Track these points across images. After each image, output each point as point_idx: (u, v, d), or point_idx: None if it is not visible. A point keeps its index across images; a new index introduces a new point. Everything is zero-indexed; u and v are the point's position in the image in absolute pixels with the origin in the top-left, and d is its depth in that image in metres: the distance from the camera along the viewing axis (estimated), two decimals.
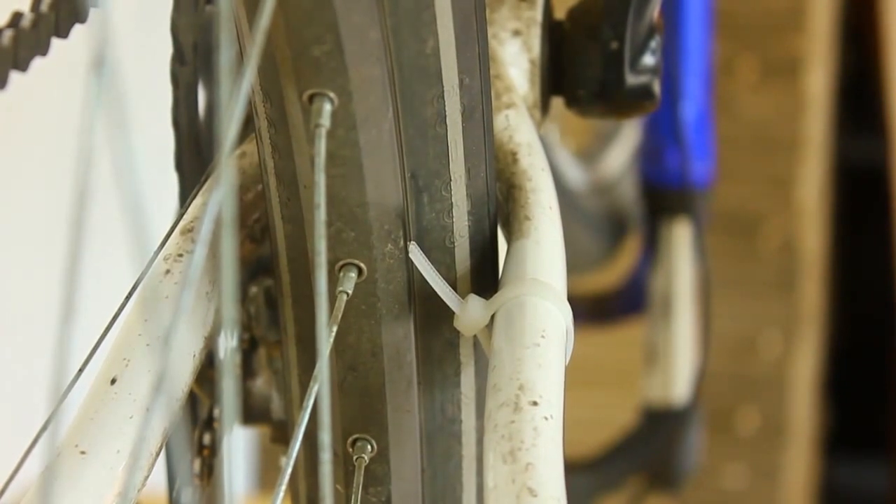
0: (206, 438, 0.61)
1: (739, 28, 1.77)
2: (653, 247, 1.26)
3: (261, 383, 0.62)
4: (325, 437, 0.43)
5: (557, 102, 0.63)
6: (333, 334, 0.50)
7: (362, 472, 0.55)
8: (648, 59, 0.61)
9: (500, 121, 0.57)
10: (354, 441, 0.55)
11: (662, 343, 1.25)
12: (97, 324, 0.49)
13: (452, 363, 0.55)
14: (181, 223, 0.53)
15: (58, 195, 0.87)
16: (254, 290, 0.59)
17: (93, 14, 0.45)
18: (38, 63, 0.46)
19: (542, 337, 0.49)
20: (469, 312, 0.52)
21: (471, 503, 0.59)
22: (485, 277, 0.54)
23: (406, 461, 0.56)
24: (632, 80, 0.61)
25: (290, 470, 0.45)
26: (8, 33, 0.44)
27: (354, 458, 0.55)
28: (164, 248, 0.52)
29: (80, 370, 0.48)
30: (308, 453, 0.57)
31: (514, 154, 0.56)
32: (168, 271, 0.51)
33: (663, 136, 1.24)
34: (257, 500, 1.70)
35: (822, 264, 1.89)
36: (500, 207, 0.55)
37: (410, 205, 0.51)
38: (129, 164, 0.34)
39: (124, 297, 0.50)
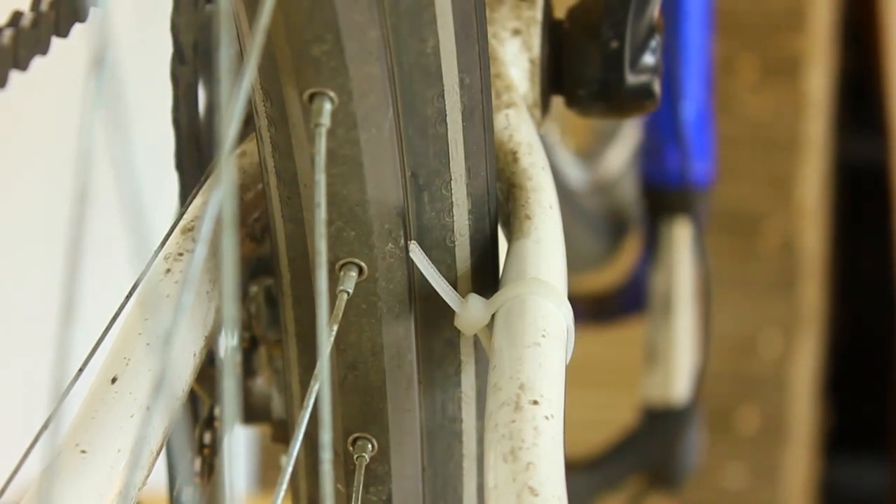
0: (207, 437, 0.61)
1: (739, 28, 1.77)
2: (653, 246, 1.26)
3: (261, 382, 0.62)
4: (326, 436, 0.43)
5: (557, 102, 0.63)
6: (334, 333, 0.50)
7: (363, 471, 0.55)
8: (648, 59, 0.61)
9: (500, 120, 0.57)
10: (355, 440, 0.55)
11: (662, 343, 1.25)
12: (97, 323, 0.49)
13: (453, 362, 0.55)
14: (181, 222, 0.53)
15: (58, 194, 0.87)
16: (254, 289, 0.59)
17: (93, 13, 0.45)
18: (38, 62, 0.46)
19: (543, 336, 0.49)
20: (469, 311, 0.52)
21: (471, 502, 0.59)
22: (485, 276, 0.54)
23: (406, 460, 0.56)
24: (632, 79, 0.61)
25: (290, 469, 0.45)
26: (8, 32, 0.44)
27: (355, 457, 0.55)
28: (164, 248, 0.52)
29: (81, 369, 0.48)
30: (309, 452, 0.57)
31: (514, 153, 0.56)
32: (168, 270, 0.51)
33: (663, 136, 1.24)
34: (258, 499, 1.70)
35: (822, 264, 1.89)
36: (501, 207, 0.55)
37: (411, 204, 0.51)
38: (129, 164, 0.34)
39: (125, 296, 0.50)
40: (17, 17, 0.45)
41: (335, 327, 0.50)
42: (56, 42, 0.47)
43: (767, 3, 1.79)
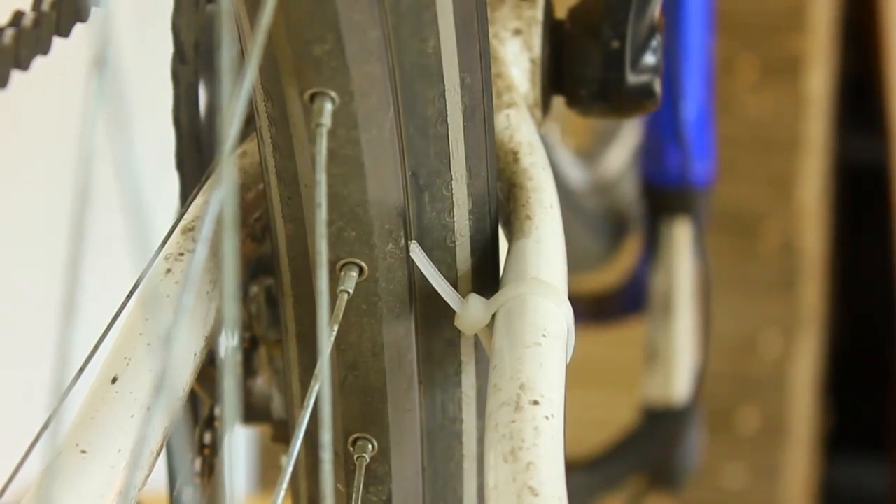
0: (207, 437, 0.61)
1: (739, 28, 1.77)
2: (653, 246, 1.26)
3: (261, 382, 0.62)
4: (326, 436, 0.43)
5: (558, 102, 0.63)
6: (334, 333, 0.50)
7: (363, 471, 0.55)
8: (649, 59, 0.61)
9: (500, 120, 0.57)
10: (355, 440, 0.55)
11: (662, 343, 1.25)
12: (98, 323, 0.49)
13: (453, 362, 0.55)
14: (182, 222, 0.53)
15: (58, 194, 0.87)
16: (255, 289, 0.59)
17: (94, 13, 0.45)
18: (39, 62, 0.46)
19: (543, 336, 0.49)
20: (470, 311, 0.52)
21: (471, 502, 0.59)
22: (486, 276, 0.54)
23: (407, 460, 0.56)
24: (633, 79, 0.61)
25: (290, 469, 0.45)
26: (9, 32, 0.44)
27: (355, 457, 0.55)
28: (164, 248, 0.52)
29: (81, 369, 0.48)
30: (309, 452, 0.57)
31: (514, 153, 0.56)
32: (169, 270, 0.51)
33: (664, 136, 1.24)
34: (258, 499, 1.70)
35: (822, 264, 1.89)
36: (501, 206, 0.55)
37: (411, 204, 0.51)
38: (130, 163, 0.34)
39: (125, 296, 0.50)
40: (18, 16, 0.45)
41: (335, 327, 0.50)
42: (57, 42, 0.47)
43: (767, 3, 1.79)
